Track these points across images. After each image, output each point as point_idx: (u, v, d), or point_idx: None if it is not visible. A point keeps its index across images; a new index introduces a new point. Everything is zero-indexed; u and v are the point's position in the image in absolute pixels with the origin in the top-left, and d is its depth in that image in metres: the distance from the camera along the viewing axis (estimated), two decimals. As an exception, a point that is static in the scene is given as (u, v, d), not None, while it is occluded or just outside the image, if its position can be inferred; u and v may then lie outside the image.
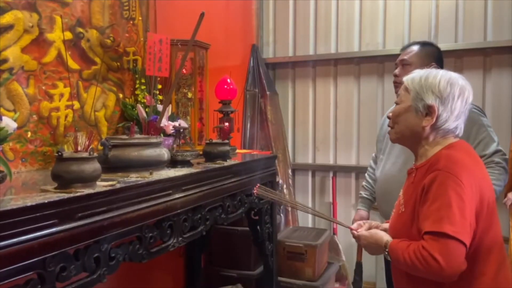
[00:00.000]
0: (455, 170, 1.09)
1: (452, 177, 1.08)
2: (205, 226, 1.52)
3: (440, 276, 1.05)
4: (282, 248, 2.54)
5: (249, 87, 3.26)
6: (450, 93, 1.16)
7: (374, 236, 1.25)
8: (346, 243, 3.25)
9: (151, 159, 1.35)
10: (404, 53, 1.80)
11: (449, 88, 1.16)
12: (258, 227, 2.09)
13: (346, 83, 3.23)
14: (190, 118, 2.06)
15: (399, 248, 1.13)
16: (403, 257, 1.10)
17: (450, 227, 1.04)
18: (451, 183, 1.07)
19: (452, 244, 1.04)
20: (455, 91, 1.16)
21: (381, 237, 1.23)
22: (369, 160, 3.10)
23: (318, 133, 3.34)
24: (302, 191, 3.40)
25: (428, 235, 1.07)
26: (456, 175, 1.08)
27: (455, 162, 1.11)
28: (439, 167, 1.11)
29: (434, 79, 1.18)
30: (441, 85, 1.16)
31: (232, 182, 1.70)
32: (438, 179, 1.09)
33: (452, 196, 1.06)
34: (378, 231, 1.27)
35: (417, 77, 1.21)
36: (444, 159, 1.12)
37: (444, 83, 1.16)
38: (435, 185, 1.09)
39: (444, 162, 1.11)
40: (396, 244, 1.16)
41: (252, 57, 3.31)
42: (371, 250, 1.27)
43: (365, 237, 1.28)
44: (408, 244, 1.12)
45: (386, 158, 1.81)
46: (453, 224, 1.05)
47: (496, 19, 2.81)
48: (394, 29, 3.06)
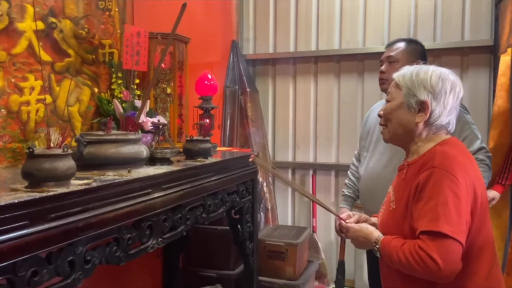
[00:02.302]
0: (450, 167, 1.08)
1: (448, 175, 1.06)
2: (186, 226, 1.47)
3: (438, 277, 1.04)
4: (263, 247, 2.51)
5: (229, 83, 3.21)
6: (442, 88, 1.15)
7: (364, 230, 1.23)
8: (326, 241, 3.26)
9: (129, 156, 1.29)
10: (390, 49, 1.79)
11: (440, 83, 1.15)
12: (239, 226, 2.05)
13: (327, 81, 3.24)
14: (169, 114, 2.00)
15: (393, 246, 1.11)
16: (397, 256, 1.08)
17: (447, 226, 1.02)
18: (447, 181, 1.06)
19: (449, 244, 1.02)
20: (446, 86, 1.15)
21: (371, 232, 1.21)
22: (350, 158, 3.18)
23: (298, 131, 3.33)
24: (282, 189, 3.39)
25: (424, 235, 1.05)
26: (452, 172, 1.07)
27: (450, 159, 1.10)
28: (435, 164, 1.09)
29: (425, 75, 1.16)
30: (432, 80, 1.15)
31: (213, 180, 1.65)
32: (434, 177, 1.07)
33: (448, 194, 1.05)
34: (368, 226, 1.25)
35: (408, 73, 1.20)
36: (439, 156, 1.11)
37: (436, 78, 1.15)
38: (431, 183, 1.07)
39: (440, 159, 1.10)
40: (389, 241, 1.14)
41: (232, 53, 3.26)
42: (359, 244, 1.25)
43: (354, 229, 1.26)
44: (402, 242, 1.10)
45: (370, 156, 1.80)
46: (450, 223, 1.03)
47: (474, 19, 2.87)
48: (374, 28, 3.08)
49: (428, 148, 1.17)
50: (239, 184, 1.93)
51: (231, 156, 2.01)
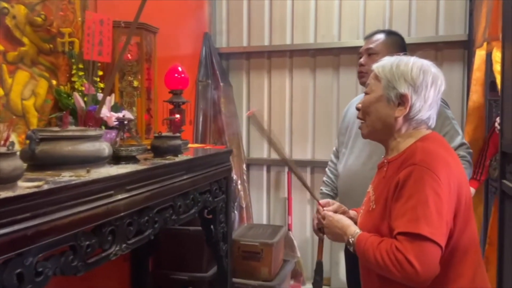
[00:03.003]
0: (432, 165, 1.02)
1: (429, 173, 1.00)
2: (153, 229, 1.36)
3: (414, 281, 0.98)
4: (237, 247, 2.43)
5: (202, 77, 3.10)
6: (423, 81, 1.09)
7: (341, 222, 1.17)
8: (301, 239, 3.21)
9: (88, 154, 1.17)
10: (369, 41, 1.73)
11: (422, 76, 1.09)
12: (212, 227, 1.96)
13: (302, 76, 3.18)
14: (136, 109, 1.87)
15: (369, 243, 1.05)
16: (373, 254, 1.02)
17: (426, 228, 0.97)
18: (428, 179, 1.00)
19: (428, 247, 0.97)
20: (428, 79, 1.09)
21: (348, 225, 1.15)
22: (326, 154, 3.16)
23: (273, 127, 3.25)
24: (257, 187, 3.32)
25: (402, 236, 0.99)
26: (434, 170, 1.01)
27: (432, 156, 1.04)
28: (415, 161, 1.03)
29: (406, 66, 1.10)
30: (413, 72, 1.09)
31: (184, 179, 1.55)
32: (414, 175, 1.01)
33: (429, 193, 0.99)
34: (346, 218, 1.20)
35: (388, 64, 1.13)
36: (420, 152, 1.05)
37: (417, 70, 1.09)
38: (411, 181, 1.01)
39: (420, 156, 1.04)
40: (366, 238, 1.07)
41: (204, 46, 3.15)
42: (333, 235, 1.19)
43: (331, 218, 1.20)
44: (379, 240, 1.04)
45: (349, 152, 1.74)
46: (430, 224, 0.97)
47: (448, 14, 2.88)
48: (349, 22, 3.04)
49: (408, 144, 1.11)
50: (212, 183, 1.84)
51: (203, 153, 1.91)
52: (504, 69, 1.74)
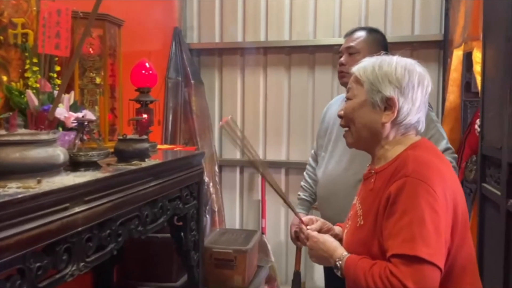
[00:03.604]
0: (426, 176, 0.93)
1: (424, 185, 0.91)
2: (117, 243, 1.24)
3: None
4: (209, 255, 2.32)
5: (171, 74, 2.96)
6: (409, 82, 1.01)
7: (327, 244, 1.07)
8: (275, 243, 3.14)
9: (39, 162, 1.03)
10: (349, 39, 1.66)
11: (407, 76, 1.01)
12: (182, 235, 1.84)
13: (276, 74, 3.10)
14: (98, 108, 1.73)
15: (360, 268, 0.96)
16: (365, 280, 0.93)
17: (424, 249, 0.88)
18: (423, 192, 0.91)
19: (427, 271, 0.88)
20: (414, 79, 1.01)
21: (335, 248, 1.05)
22: (301, 155, 3.10)
23: (247, 127, 3.16)
24: (230, 189, 3.21)
25: (397, 259, 0.89)
26: (428, 182, 0.92)
27: (425, 166, 0.96)
28: (407, 173, 0.94)
29: (389, 67, 1.02)
30: (398, 72, 1.01)
31: (152, 186, 1.43)
32: (407, 188, 0.92)
33: (425, 208, 0.90)
34: (333, 240, 1.10)
35: (369, 66, 1.05)
36: (412, 162, 0.96)
37: (401, 70, 1.01)
38: (404, 195, 0.92)
39: (413, 167, 0.95)
40: (355, 261, 0.98)
41: (174, 41, 3.01)
42: (318, 257, 1.10)
43: (316, 240, 1.10)
44: (370, 264, 0.95)
45: (329, 156, 1.66)
46: (428, 245, 0.88)
47: (424, 14, 2.87)
48: (324, 20, 2.99)
49: (398, 153, 1.03)
50: (182, 189, 1.72)
51: (173, 156, 1.79)
52: (485, 69, 1.72)
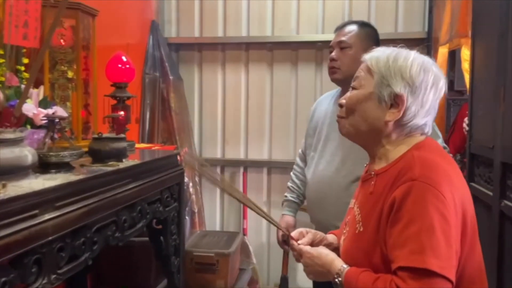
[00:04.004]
0: (435, 180, 0.86)
1: (433, 190, 0.85)
2: (92, 252, 1.14)
3: None
4: (190, 259, 2.24)
5: (148, 70, 2.85)
6: (423, 81, 0.94)
7: (323, 258, 1.00)
8: (257, 244, 3.09)
9: (4, 163, 0.93)
10: (341, 33, 1.61)
11: (422, 75, 0.94)
12: (162, 239, 1.75)
13: (259, 70, 3.04)
14: (71, 104, 1.62)
15: (362, 283, 0.89)
16: None
17: (435, 261, 0.81)
18: (432, 198, 0.84)
19: (438, 285, 0.81)
20: (428, 79, 0.94)
21: (332, 261, 0.98)
22: (283, 154, 3.05)
23: (227, 125, 3.09)
24: (210, 189, 3.13)
25: (404, 272, 0.82)
26: (437, 187, 0.85)
27: (433, 169, 0.89)
28: (414, 176, 0.87)
29: (405, 62, 0.95)
30: (413, 69, 0.94)
31: (130, 189, 1.34)
32: (414, 192, 0.85)
33: (434, 216, 0.83)
34: (328, 252, 1.02)
35: (383, 56, 0.97)
36: (419, 164, 0.89)
37: (417, 67, 0.94)
38: (410, 201, 0.85)
39: (420, 169, 0.88)
40: (356, 275, 0.91)
41: (152, 35, 2.90)
42: (315, 273, 1.02)
43: (310, 255, 1.02)
44: (374, 278, 0.88)
45: (319, 156, 1.60)
46: (439, 256, 0.81)
47: (407, 11, 2.87)
48: (308, 16, 2.95)
49: (401, 153, 0.96)
50: (163, 191, 1.63)
51: (152, 156, 1.70)
52: (474, 67, 1.70)
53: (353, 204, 1.07)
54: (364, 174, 1.05)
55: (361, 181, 1.07)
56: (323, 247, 1.06)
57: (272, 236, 3.09)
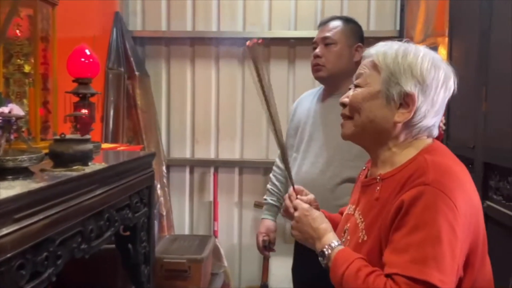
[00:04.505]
0: (449, 187, 0.81)
1: (445, 198, 0.80)
2: (56, 267, 1.04)
3: None
4: (160, 266, 2.14)
5: (112, 65, 2.71)
6: (434, 79, 0.89)
7: (318, 222, 0.95)
8: (228, 246, 3.02)
9: (-48, 171, 0.81)
10: (325, 29, 1.56)
11: (433, 72, 0.89)
12: (130, 247, 1.66)
13: (230, 67, 2.96)
14: (28, 101, 1.48)
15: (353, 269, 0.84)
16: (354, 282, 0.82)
17: (436, 273, 0.76)
18: (443, 206, 0.79)
19: None
20: (439, 76, 0.89)
21: (325, 230, 0.94)
22: (256, 153, 2.99)
23: (197, 123, 3.00)
24: (178, 191, 3.04)
25: (402, 278, 0.77)
26: (450, 195, 0.80)
27: (448, 175, 0.83)
28: (427, 181, 0.81)
29: (415, 58, 0.89)
30: (424, 66, 0.88)
31: (96, 195, 1.24)
32: (425, 198, 0.80)
33: (443, 225, 0.78)
34: (325, 220, 0.97)
35: (391, 52, 0.91)
36: (433, 169, 0.83)
37: (428, 64, 0.89)
38: (420, 206, 0.80)
39: (434, 175, 0.82)
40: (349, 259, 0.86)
41: (116, 28, 2.76)
42: (302, 233, 0.98)
43: (307, 213, 0.97)
44: (367, 270, 0.83)
45: (302, 157, 1.55)
46: (442, 269, 0.76)
47: (379, 9, 2.89)
48: (280, 12, 2.91)
49: (409, 157, 0.90)
50: (132, 195, 1.53)
51: (121, 158, 1.60)
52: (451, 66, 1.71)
53: (353, 210, 1.01)
54: (366, 179, 1.00)
55: (361, 186, 1.01)
56: (322, 214, 1.01)
57: (244, 238, 3.04)
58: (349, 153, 1.37)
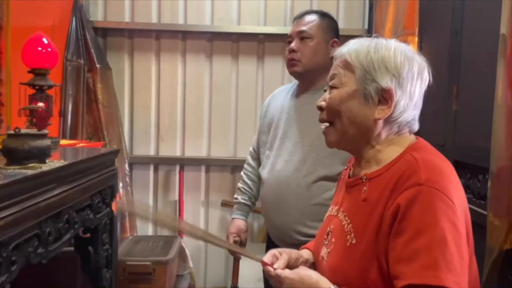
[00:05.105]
0: (442, 184, 0.79)
1: (441, 196, 0.78)
2: (9, 274, 0.97)
3: None
4: (122, 269, 2.06)
5: (71, 56, 2.58)
6: (409, 72, 0.88)
7: (306, 281, 0.88)
8: (194, 247, 2.96)
9: None
10: (300, 23, 1.53)
11: (407, 64, 0.88)
12: (91, 249, 1.58)
13: (197, 62, 2.89)
14: (-23, 93, 1.37)
15: None
16: None
17: (450, 276, 0.73)
18: (441, 205, 0.77)
19: None
20: (414, 68, 0.89)
21: (316, 282, 0.87)
22: (223, 151, 2.93)
23: (162, 119, 2.91)
24: (142, 189, 2.94)
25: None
26: (445, 192, 0.79)
27: (438, 172, 0.82)
28: (420, 181, 0.79)
29: (387, 51, 0.88)
30: (397, 59, 0.87)
31: (54, 195, 1.16)
32: (422, 199, 0.78)
33: (445, 225, 0.76)
34: (310, 272, 0.91)
35: (363, 48, 0.90)
36: (424, 168, 0.81)
37: (401, 57, 0.88)
38: (417, 208, 0.77)
39: (426, 173, 0.80)
40: None
41: (75, 17, 2.62)
42: None
43: (291, 281, 0.90)
44: None
45: (275, 155, 1.51)
46: (454, 271, 0.74)
47: (348, 7, 2.92)
48: (249, 7, 2.87)
49: (395, 155, 0.89)
50: (93, 195, 1.46)
51: (81, 156, 1.51)
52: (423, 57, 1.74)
53: (336, 211, 0.98)
54: (351, 179, 0.97)
55: (345, 186, 0.98)
56: (303, 268, 0.95)
57: (210, 238, 2.98)
58: (324, 150, 1.35)
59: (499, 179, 1.10)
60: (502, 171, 1.09)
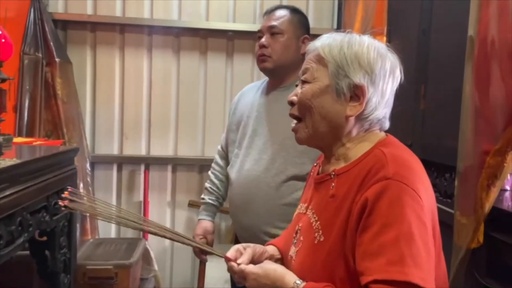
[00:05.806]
0: (410, 179, 0.79)
1: (409, 190, 0.77)
2: (-48, 283, 0.88)
3: None
4: (82, 273, 1.98)
5: (28, 49, 2.46)
6: (382, 68, 0.87)
7: (271, 274, 0.87)
8: (159, 249, 2.90)
9: None
10: (271, 18, 1.50)
11: (380, 61, 0.87)
12: (48, 254, 1.50)
13: (164, 57, 2.83)
14: None
15: None
16: None
17: (417, 272, 0.72)
18: (409, 199, 0.77)
19: None
20: (386, 65, 0.88)
21: (282, 276, 0.86)
22: (190, 149, 2.88)
23: (127, 117, 2.82)
24: (105, 190, 2.84)
25: (381, 285, 0.73)
26: (413, 186, 0.78)
27: (407, 167, 0.81)
28: (388, 174, 0.79)
29: (360, 47, 0.87)
30: (370, 55, 0.86)
31: (6, 196, 1.10)
32: (389, 193, 0.77)
33: (412, 219, 0.75)
34: (275, 266, 0.90)
35: (336, 43, 0.89)
36: (393, 162, 0.81)
37: (374, 53, 0.87)
38: (385, 202, 0.77)
39: (394, 168, 0.80)
40: None
41: (33, 8, 2.51)
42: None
43: (255, 276, 0.88)
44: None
45: (244, 154, 1.48)
46: (420, 266, 0.73)
47: (317, 7, 2.93)
48: (218, 3, 2.84)
49: (364, 151, 0.88)
50: (49, 196, 1.39)
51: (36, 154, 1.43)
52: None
53: (304, 209, 0.97)
54: (319, 176, 0.96)
55: (314, 183, 0.97)
56: (268, 262, 0.93)
57: (176, 240, 2.92)
58: (294, 149, 1.33)
59: (466, 178, 1.12)
60: (469, 170, 1.10)
